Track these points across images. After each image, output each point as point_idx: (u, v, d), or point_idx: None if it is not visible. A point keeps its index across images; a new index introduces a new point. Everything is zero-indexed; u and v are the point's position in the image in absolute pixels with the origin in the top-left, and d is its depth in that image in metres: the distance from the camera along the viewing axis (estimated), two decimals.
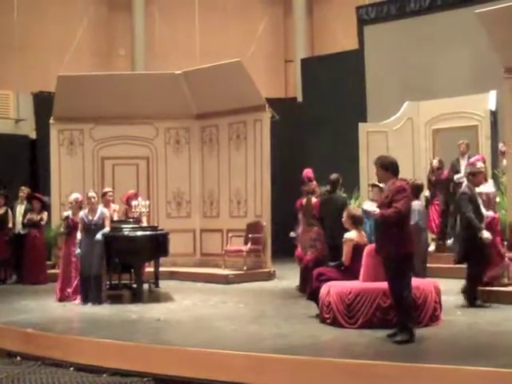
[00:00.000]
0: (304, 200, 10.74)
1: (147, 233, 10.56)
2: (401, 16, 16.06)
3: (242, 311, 9.06)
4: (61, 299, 10.18)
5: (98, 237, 9.83)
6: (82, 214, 10.03)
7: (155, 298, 10.50)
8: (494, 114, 12.77)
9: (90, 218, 9.97)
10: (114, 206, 11.28)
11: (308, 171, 11.22)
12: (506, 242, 9.84)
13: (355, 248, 7.91)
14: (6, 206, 12.94)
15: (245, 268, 12.73)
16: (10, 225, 12.91)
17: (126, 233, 10.31)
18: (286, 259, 13.46)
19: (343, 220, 8.16)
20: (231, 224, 13.79)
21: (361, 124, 14.52)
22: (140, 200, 11.08)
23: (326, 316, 7.64)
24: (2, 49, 17.60)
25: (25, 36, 17.83)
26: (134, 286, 10.40)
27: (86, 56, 18.72)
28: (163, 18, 19.58)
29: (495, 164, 12.26)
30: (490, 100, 12.90)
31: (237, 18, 19.83)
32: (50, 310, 9.41)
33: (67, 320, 8.86)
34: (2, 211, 12.89)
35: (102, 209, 10.22)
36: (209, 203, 14.35)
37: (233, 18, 19.78)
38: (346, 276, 7.87)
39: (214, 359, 6.26)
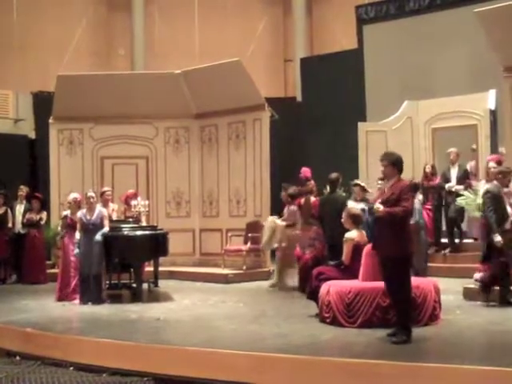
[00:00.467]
0: (302, 199, 10.74)
1: (147, 232, 10.53)
2: (400, 15, 16.08)
3: (242, 310, 9.05)
4: (60, 299, 10.17)
5: (98, 238, 9.81)
6: (80, 214, 10.01)
7: (155, 297, 10.48)
8: (493, 113, 12.77)
9: (88, 217, 9.95)
10: (113, 206, 11.25)
11: (306, 170, 11.20)
12: None
13: (355, 247, 7.90)
14: (5, 206, 12.92)
15: (244, 267, 12.72)
16: (10, 224, 12.89)
17: (125, 232, 10.29)
18: None
19: (343, 220, 8.15)
20: (231, 223, 13.78)
21: (360, 123, 14.52)
22: (139, 200, 11.08)
23: (326, 315, 7.63)
24: (1, 49, 17.63)
25: (24, 36, 17.85)
26: (134, 285, 10.38)
27: (85, 56, 18.75)
28: (163, 18, 19.59)
29: None
30: (490, 99, 12.89)
31: (236, 17, 19.85)
32: (49, 310, 9.39)
33: (67, 320, 8.84)
34: (2, 211, 12.87)
35: (101, 208, 10.20)
36: (208, 203, 14.35)
37: (232, 18, 19.79)
38: (346, 275, 7.85)
39: (213, 359, 6.25)
